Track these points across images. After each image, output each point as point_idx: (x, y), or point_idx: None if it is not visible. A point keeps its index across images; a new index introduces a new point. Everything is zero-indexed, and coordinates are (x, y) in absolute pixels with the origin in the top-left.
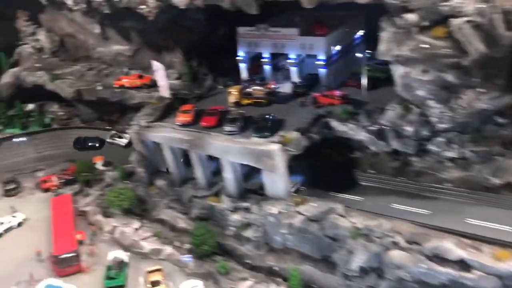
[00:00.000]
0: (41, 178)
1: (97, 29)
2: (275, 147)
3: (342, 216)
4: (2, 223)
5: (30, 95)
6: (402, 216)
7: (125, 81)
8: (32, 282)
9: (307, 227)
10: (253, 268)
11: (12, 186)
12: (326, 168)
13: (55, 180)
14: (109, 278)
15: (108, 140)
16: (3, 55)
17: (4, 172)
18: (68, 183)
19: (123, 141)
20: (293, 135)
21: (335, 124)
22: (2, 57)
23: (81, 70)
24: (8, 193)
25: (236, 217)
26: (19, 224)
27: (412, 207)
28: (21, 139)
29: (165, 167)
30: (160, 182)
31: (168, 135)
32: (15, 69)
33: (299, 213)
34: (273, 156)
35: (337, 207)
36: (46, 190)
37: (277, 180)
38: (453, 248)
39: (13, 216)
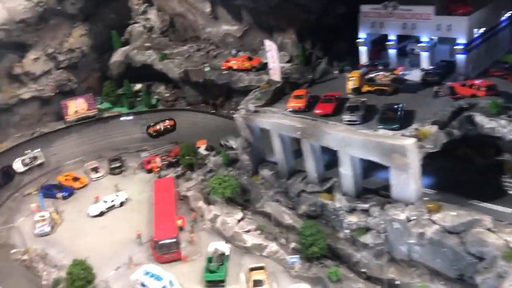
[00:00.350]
0: (145, 158)
1: (207, 8)
2: (409, 142)
3: (490, 230)
4: (105, 201)
5: (138, 75)
6: None
7: (233, 63)
8: (131, 266)
9: (443, 240)
10: (369, 279)
11: (117, 164)
12: (463, 170)
13: (158, 162)
14: (209, 271)
15: (21, 170)
16: (115, 33)
17: (110, 150)
18: (171, 165)
19: (39, 160)
20: (430, 129)
21: (480, 119)
22: (114, 36)
23: (189, 50)
24: (112, 171)
25: (352, 219)
26: (121, 204)
27: None
28: (128, 118)
29: (272, 156)
30: (265, 172)
31: (278, 122)
32: (125, 48)
33: (433, 222)
34: (406, 152)
35: (485, 218)
36: (149, 171)
37: (407, 181)
38: None
39: (116, 195)
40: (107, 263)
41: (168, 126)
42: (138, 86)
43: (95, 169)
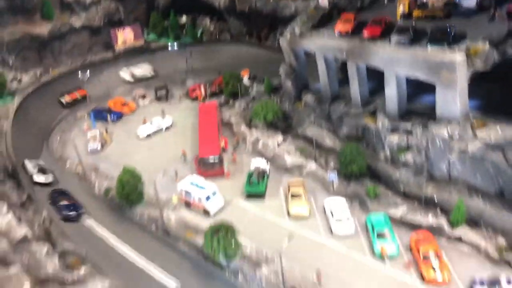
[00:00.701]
0: (190, 87)
1: None
2: (458, 58)
3: None
4: (152, 123)
5: (183, 7)
6: None
7: None
8: (176, 180)
9: (485, 156)
10: (407, 196)
11: (163, 92)
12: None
13: (203, 90)
14: (250, 184)
15: (43, 180)
16: None
17: (157, 79)
18: (214, 94)
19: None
20: (482, 46)
21: None
22: None
23: None
24: (159, 99)
25: (393, 138)
26: (167, 128)
27: None
28: (173, 49)
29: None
30: (308, 98)
31: (324, 43)
32: None
33: (477, 138)
34: (454, 68)
35: None
36: (194, 99)
37: (454, 98)
38: None
39: (163, 119)
40: (154, 177)
41: (83, 95)
42: (183, 19)
43: (143, 96)
